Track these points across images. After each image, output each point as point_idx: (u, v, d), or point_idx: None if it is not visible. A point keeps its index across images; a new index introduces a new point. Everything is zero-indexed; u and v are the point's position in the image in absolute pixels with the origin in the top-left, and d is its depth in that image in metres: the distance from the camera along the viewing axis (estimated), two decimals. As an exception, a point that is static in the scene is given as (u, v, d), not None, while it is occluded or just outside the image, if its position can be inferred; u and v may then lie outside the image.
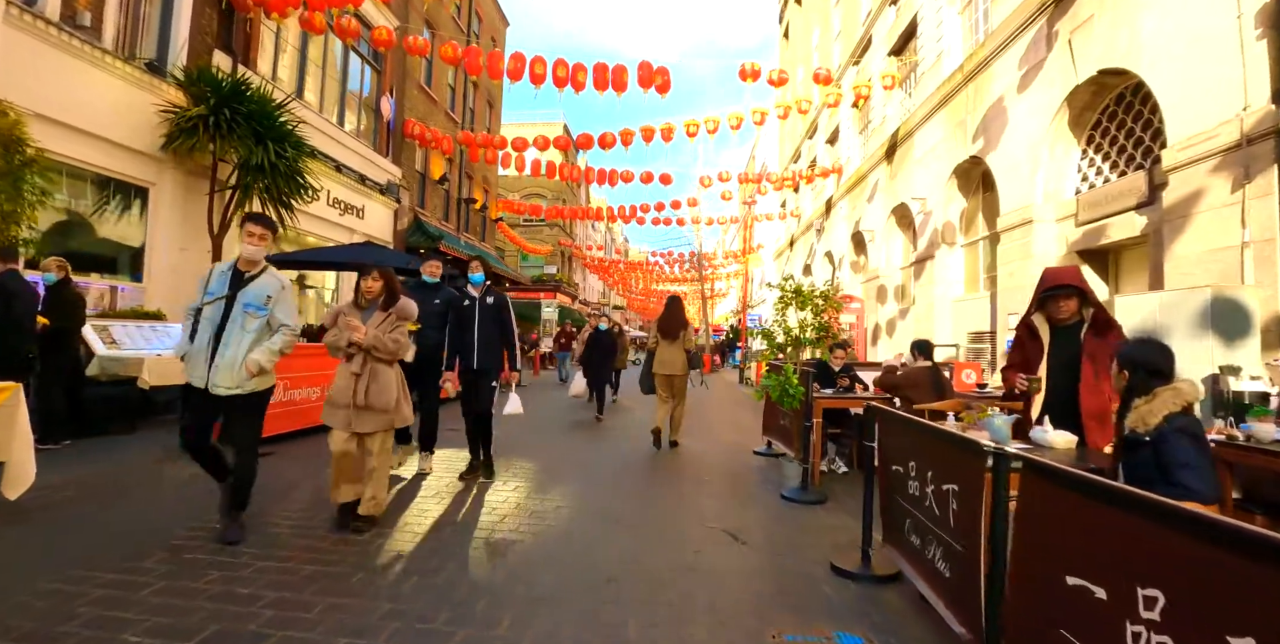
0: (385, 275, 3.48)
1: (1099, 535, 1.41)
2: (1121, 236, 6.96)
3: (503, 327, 4.62)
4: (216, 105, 7.54)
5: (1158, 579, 1.22)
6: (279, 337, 3.15)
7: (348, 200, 11.69)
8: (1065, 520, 1.51)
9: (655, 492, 4.54)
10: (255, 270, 3.19)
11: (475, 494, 4.27)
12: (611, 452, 6.18)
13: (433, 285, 4.93)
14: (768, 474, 5.23)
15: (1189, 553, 1.15)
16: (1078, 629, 1.45)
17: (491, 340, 4.55)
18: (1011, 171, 8.73)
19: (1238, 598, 1.05)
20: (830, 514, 4.03)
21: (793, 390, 4.17)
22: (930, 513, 2.31)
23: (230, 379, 3.02)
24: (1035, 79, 8.22)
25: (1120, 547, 1.33)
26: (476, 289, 4.62)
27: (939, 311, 11.20)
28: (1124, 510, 1.32)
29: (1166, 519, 1.21)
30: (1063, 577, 1.48)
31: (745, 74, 10.66)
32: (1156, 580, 1.22)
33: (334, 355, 3.40)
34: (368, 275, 3.46)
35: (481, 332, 4.51)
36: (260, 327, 3.12)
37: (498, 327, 4.59)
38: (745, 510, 4.09)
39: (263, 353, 3.08)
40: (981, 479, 1.85)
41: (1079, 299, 2.85)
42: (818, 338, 4.35)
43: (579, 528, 3.58)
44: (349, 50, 12.21)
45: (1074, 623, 1.46)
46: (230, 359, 3.02)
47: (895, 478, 2.72)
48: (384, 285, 3.47)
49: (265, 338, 3.14)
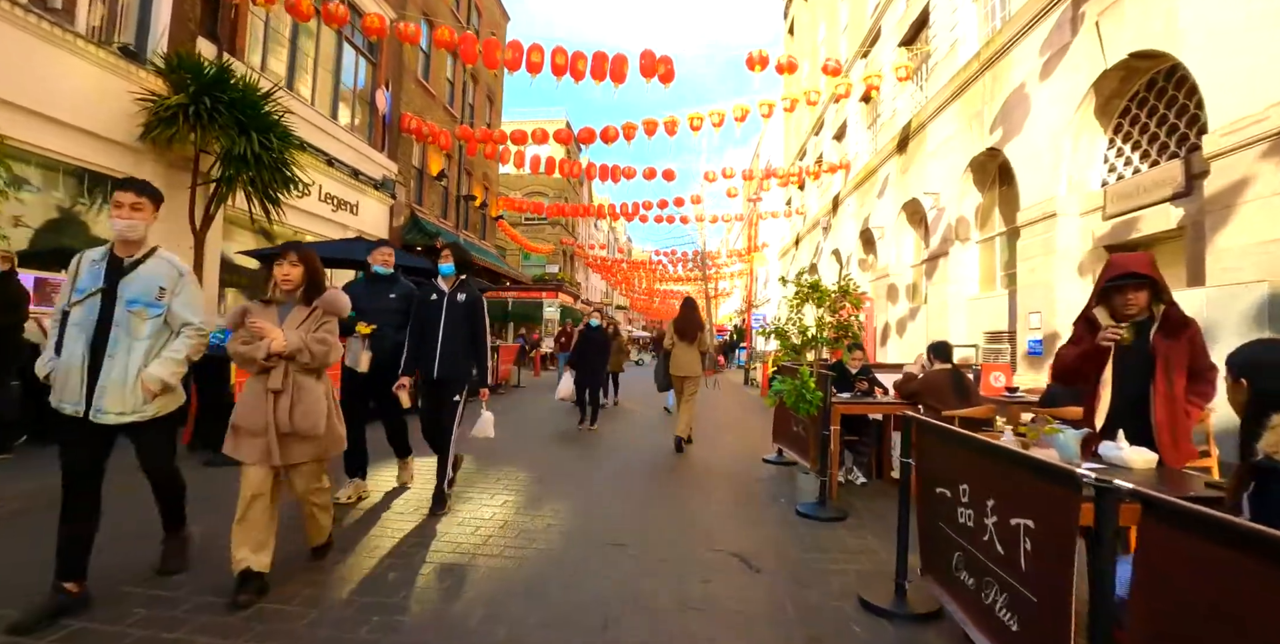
0: (305, 259, 2.68)
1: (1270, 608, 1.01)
2: (1154, 230, 6.53)
3: (473, 331, 3.81)
4: (197, 93, 7.17)
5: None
6: (183, 340, 2.46)
7: (341, 196, 11.32)
8: (1219, 585, 1.11)
9: (657, 507, 4.14)
10: (138, 254, 2.42)
11: (460, 509, 3.88)
12: (611, 460, 5.79)
13: (385, 277, 4.13)
14: (779, 485, 4.83)
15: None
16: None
17: (458, 346, 3.76)
18: (1032, 163, 8.31)
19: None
20: (852, 534, 3.62)
21: (810, 396, 3.77)
22: (989, 550, 1.91)
23: (121, 402, 2.33)
24: (1059, 65, 7.80)
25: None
26: (447, 282, 3.83)
27: (953, 310, 10.77)
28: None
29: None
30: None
31: (753, 62, 10.26)
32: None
33: (245, 369, 2.64)
34: (282, 259, 2.64)
35: (447, 335, 3.74)
36: (156, 329, 2.41)
37: (467, 330, 3.79)
38: (757, 529, 3.69)
39: (163, 365, 2.39)
40: (1073, 517, 1.45)
41: (1150, 291, 2.44)
42: (836, 337, 3.93)
43: (572, 552, 3.18)
44: (342, 41, 11.84)
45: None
46: (119, 377, 2.32)
47: (939, 502, 2.32)
48: (304, 272, 2.65)
49: (165, 344, 2.45)
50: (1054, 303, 7.67)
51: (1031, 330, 8.06)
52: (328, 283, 2.81)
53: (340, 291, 2.79)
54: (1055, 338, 7.60)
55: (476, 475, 4.83)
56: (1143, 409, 2.38)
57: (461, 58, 9.10)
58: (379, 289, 4.07)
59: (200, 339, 2.53)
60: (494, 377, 12.81)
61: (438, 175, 15.87)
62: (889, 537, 3.51)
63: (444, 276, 3.85)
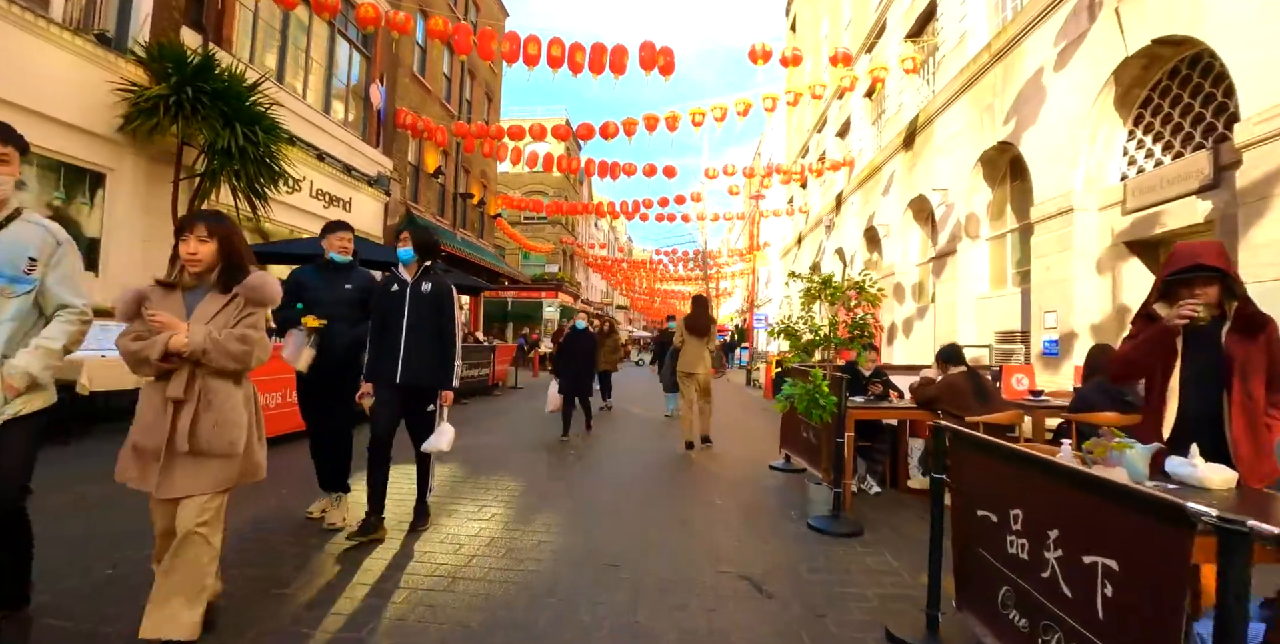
0: (219, 233, 2.07)
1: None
2: (1179, 224, 6.23)
3: (440, 326, 3.31)
4: (178, 83, 6.89)
5: None
6: (60, 326, 1.98)
7: (333, 192, 11.03)
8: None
9: (658, 521, 3.84)
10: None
11: (444, 523, 3.58)
12: (609, 468, 5.49)
13: (341, 265, 3.55)
14: (788, 495, 4.53)
15: None
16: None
17: (425, 344, 3.26)
18: (1047, 157, 8.00)
19: None
20: (870, 551, 3.32)
21: (823, 400, 3.47)
22: (1050, 589, 1.61)
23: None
24: (1075, 54, 7.49)
25: None
26: (409, 271, 3.33)
27: (962, 310, 10.47)
28: None
29: None
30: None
31: (756, 55, 9.98)
32: None
33: (138, 372, 2.01)
34: (188, 233, 2.04)
35: (413, 332, 3.23)
36: (22, 311, 1.94)
37: (435, 325, 3.30)
38: (767, 545, 3.39)
39: (34, 356, 1.91)
40: (1182, 562, 1.15)
41: (1221, 285, 2.14)
42: (851, 337, 3.63)
43: (564, 575, 2.88)
44: (335, 34, 11.55)
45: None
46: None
47: (980, 526, 2.02)
48: (217, 250, 2.06)
49: (34, 330, 1.98)
50: (1071, 301, 7.36)
51: (1047, 330, 7.76)
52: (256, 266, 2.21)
53: (268, 276, 2.16)
54: (1072, 338, 7.30)
55: (465, 484, 4.53)
56: (1214, 420, 2.08)
57: (455, 49, 8.80)
58: (333, 278, 3.52)
59: (82, 325, 2.04)
60: (491, 377, 12.57)
61: (434, 172, 15.58)
62: (910, 555, 3.22)
63: (404, 264, 3.33)
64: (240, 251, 2.13)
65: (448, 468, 5.01)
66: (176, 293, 2.07)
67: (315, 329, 3.28)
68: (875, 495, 4.53)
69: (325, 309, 3.33)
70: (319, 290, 3.43)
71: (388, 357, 3.24)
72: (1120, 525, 1.36)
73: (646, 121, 11.73)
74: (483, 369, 11.35)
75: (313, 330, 3.28)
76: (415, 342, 3.25)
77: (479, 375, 11.11)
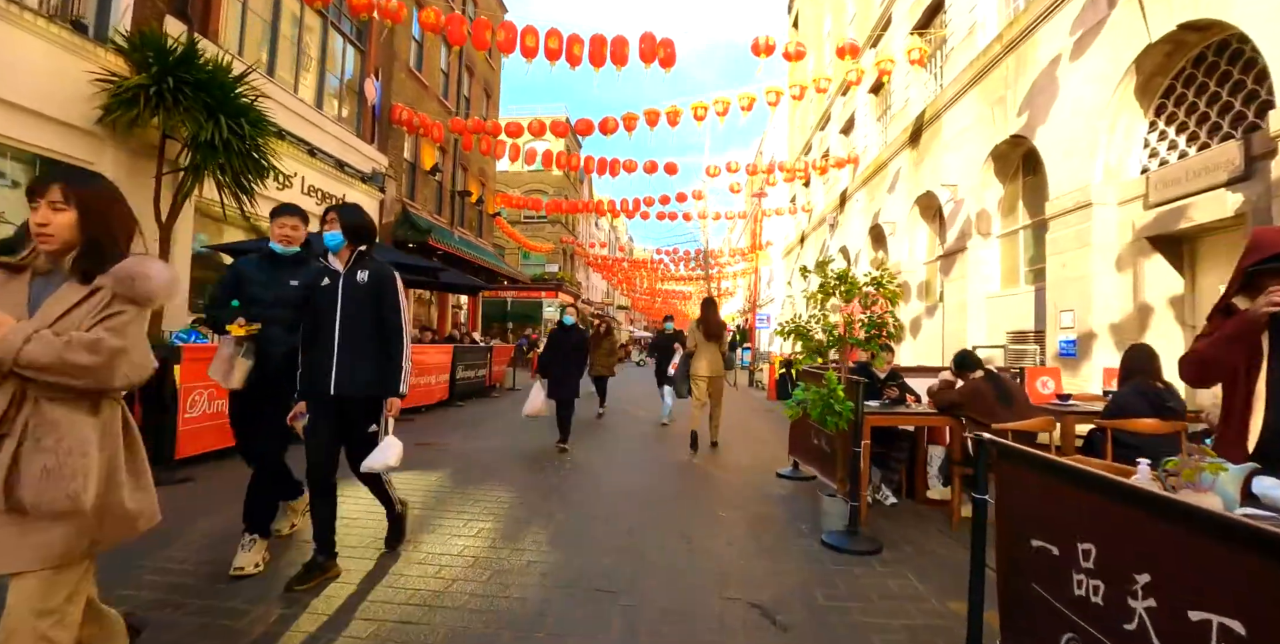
0: (84, 197, 1.49)
1: None
2: (1207, 218, 5.92)
3: (383, 320, 2.76)
4: (159, 73, 6.61)
5: None
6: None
7: (325, 188, 10.75)
8: None
9: (659, 536, 3.54)
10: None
11: (425, 540, 3.29)
12: (607, 476, 5.20)
13: (285, 259, 2.99)
14: (798, 506, 4.23)
15: None
16: None
17: (365, 343, 2.72)
18: (1063, 150, 7.70)
19: None
20: (891, 572, 3.03)
21: (839, 406, 3.18)
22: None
23: None
24: (1094, 43, 7.19)
25: None
26: (340, 258, 2.77)
27: (972, 309, 10.16)
28: None
29: None
30: None
31: (759, 49, 9.68)
32: None
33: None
34: (38, 198, 1.46)
35: (347, 331, 2.69)
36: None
37: (375, 319, 2.75)
38: (778, 565, 3.10)
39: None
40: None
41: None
42: (868, 337, 3.34)
43: (554, 603, 2.59)
44: (328, 26, 11.28)
45: None
46: None
47: (1037, 559, 1.72)
48: (79, 221, 1.48)
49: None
50: (1089, 300, 7.06)
51: (1063, 330, 7.45)
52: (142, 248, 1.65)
53: (153, 263, 1.54)
54: (1091, 338, 7.00)
55: (453, 495, 4.24)
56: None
57: (449, 39, 8.51)
58: (276, 273, 2.96)
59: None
60: (488, 379, 12.18)
61: (431, 170, 15.30)
62: (937, 577, 2.93)
63: (333, 251, 2.76)
64: (111, 227, 1.53)
65: (434, 477, 4.73)
66: (22, 277, 1.49)
67: (246, 338, 2.77)
68: (891, 506, 4.23)
69: (262, 310, 2.84)
70: (257, 288, 2.92)
71: (320, 364, 2.70)
72: (1246, 577, 1.06)
73: (647, 117, 11.44)
74: (479, 370, 11.06)
75: (243, 339, 2.78)
76: (351, 341, 2.70)
77: (475, 377, 10.82)
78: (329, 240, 2.73)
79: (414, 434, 6.80)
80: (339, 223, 2.72)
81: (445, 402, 9.27)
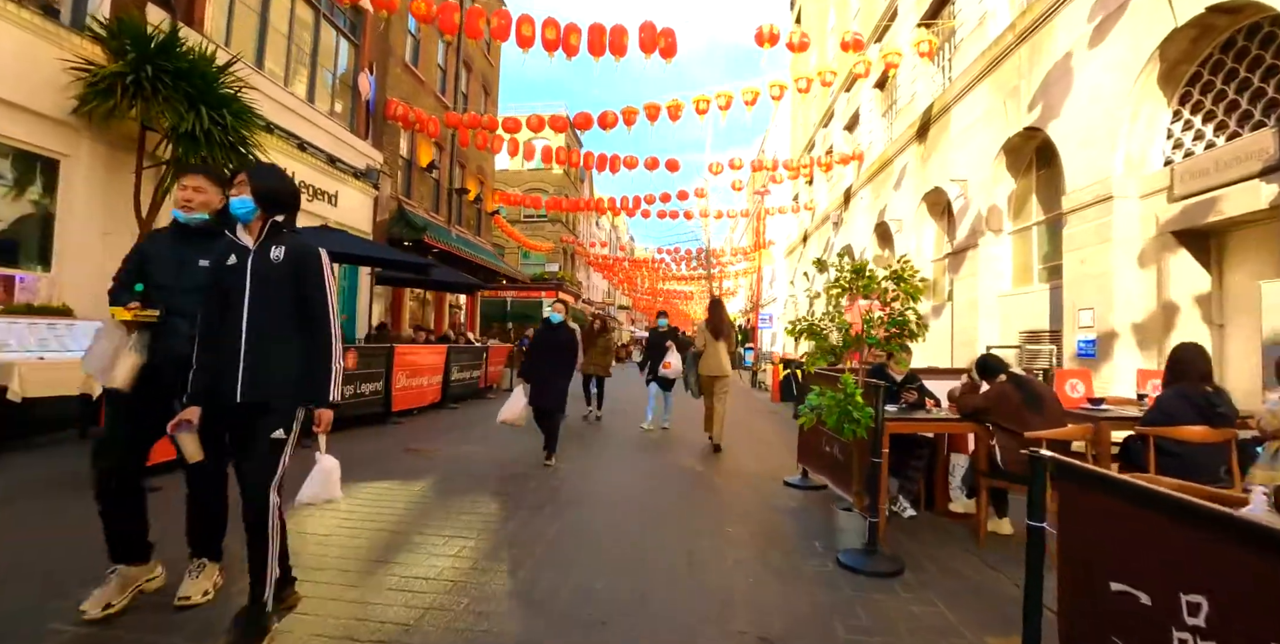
0: None
1: None
2: (1239, 211, 5.60)
3: (304, 309, 2.22)
4: (137, 61, 6.33)
5: None
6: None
7: (317, 184, 10.46)
8: None
9: (659, 556, 3.23)
10: None
11: (400, 561, 2.99)
12: (604, 485, 4.89)
13: (193, 231, 2.44)
14: (809, 519, 3.92)
15: None
16: None
17: (277, 339, 2.19)
18: (1082, 141, 7.38)
19: None
20: (916, 598, 2.72)
21: (858, 413, 2.87)
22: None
23: None
24: (1114, 28, 6.87)
25: None
26: (250, 232, 2.25)
27: (983, 308, 9.85)
28: None
29: None
30: None
31: (762, 38, 9.39)
32: None
33: None
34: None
35: (257, 320, 2.17)
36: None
37: (292, 308, 2.22)
38: (790, 590, 2.79)
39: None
40: None
41: None
42: (887, 336, 3.03)
43: (539, 634, 2.28)
44: (320, 18, 10.99)
45: None
46: None
47: (1116, 606, 1.41)
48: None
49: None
50: (1111, 297, 6.74)
51: (1082, 329, 7.14)
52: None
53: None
54: (1112, 337, 6.68)
55: (436, 508, 3.94)
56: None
57: (441, 28, 8.22)
58: (188, 252, 2.41)
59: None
60: (483, 379, 11.68)
61: (428, 166, 15.02)
62: (969, 606, 2.62)
63: (242, 221, 2.23)
64: None
65: (417, 487, 4.43)
66: None
67: (134, 323, 2.28)
68: (909, 519, 3.92)
69: (168, 297, 2.35)
70: (163, 269, 2.39)
71: (222, 363, 2.15)
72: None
73: (648, 111, 11.15)
74: (474, 371, 10.77)
75: (137, 326, 2.29)
76: (261, 334, 2.16)
77: (470, 378, 10.52)
78: (236, 208, 2.20)
79: (402, 439, 6.50)
80: (248, 186, 2.19)
81: (438, 404, 8.97)
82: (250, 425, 2.16)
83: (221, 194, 2.45)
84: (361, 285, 12.16)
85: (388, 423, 7.44)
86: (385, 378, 7.60)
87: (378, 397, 7.45)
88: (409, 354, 8.28)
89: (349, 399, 6.86)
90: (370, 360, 7.38)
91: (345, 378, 6.76)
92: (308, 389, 2.22)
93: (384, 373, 7.58)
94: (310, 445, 2.27)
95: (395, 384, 7.73)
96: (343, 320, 11.57)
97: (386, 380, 7.60)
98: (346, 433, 6.64)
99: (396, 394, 7.76)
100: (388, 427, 7.29)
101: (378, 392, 7.46)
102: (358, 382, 7.07)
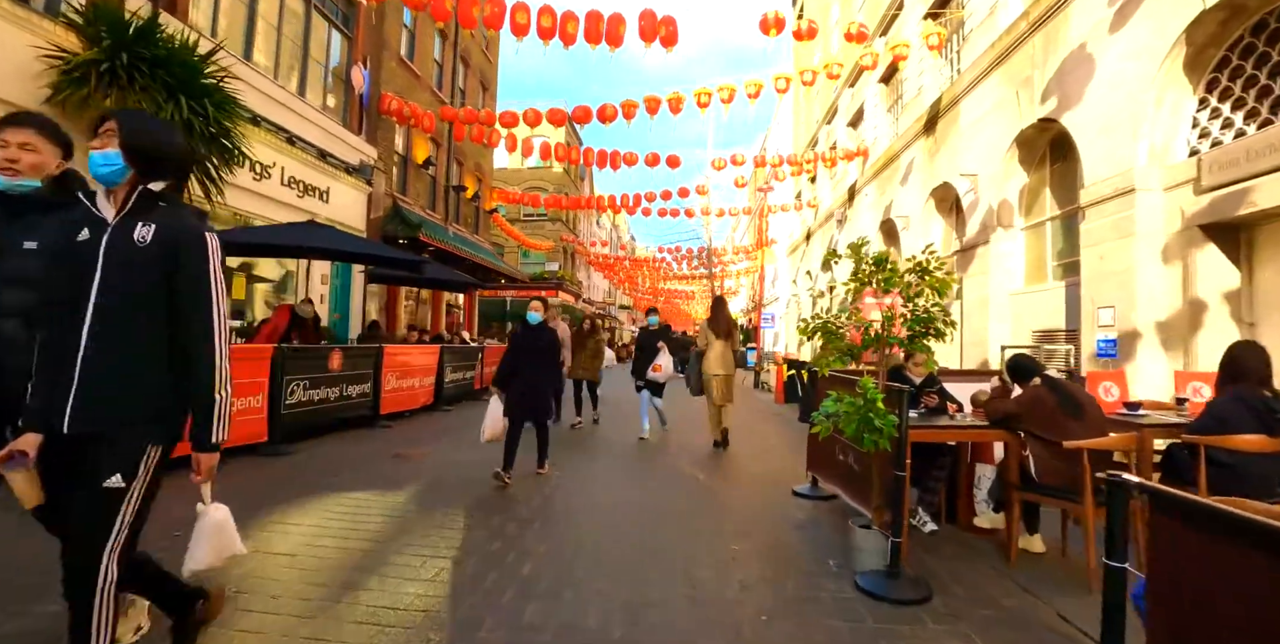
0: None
1: None
2: (1273, 203, 5.28)
3: (177, 309, 1.66)
4: (113, 48, 6.06)
5: None
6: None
7: (308, 180, 10.17)
8: None
9: (657, 580, 2.92)
10: None
11: (370, 586, 2.68)
12: (601, 497, 4.58)
13: (26, 202, 1.87)
14: (823, 536, 3.62)
15: None
16: None
17: (126, 345, 1.61)
18: (1100, 131, 7.06)
19: None
20: (948, 630, 2.41)
21: (880, 422, 2.57)
22: None
23: None
24: (1136, 13, 6.55)
25: None
26: (114, 198, 1.66)
27: (994, 306, 9.53)
28: None
29: None
30: None
31: (767, 26, 9.08)
32: None
33: None
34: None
35: (101, 318, 1.59)
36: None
37: (157, 306, 1.64)
38: (804, 619, 2.48)
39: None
40: None
41: None
42: (911, 335, 2.73)
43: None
44: (311, 9, 10.69)
45: None
46: None
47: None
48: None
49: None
50: (1133, 294, 6.42)
51: (1102, 328, 6.81)
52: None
53: None
54: (1134, 337, 6.36)
55: (418, 522, 3.63)
56: None
57: (433, 15, 7.92)
58: (8, 230, 1.83)
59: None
60: (478, 380, 11.24)
61: (424, 163, 14.72)
62: (1005, 638, 2.31)
63: (105, 184, 1.64)
64: None
65: (400, 497, 4.13)
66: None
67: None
68: (930, 534, 3.61)
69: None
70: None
71: (54, 375, 1.59)
72: None
73: (648, 104, 10.85)
74: (469, 372, 10.47)
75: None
76: (106, 340, 1.59)
77: (464, 379, 10.23)
78: (96, 164, 1.60)
79: (391, 443, 6.20)
80: (116, 136, 1.61)
81: (430, 406, 8.67)
82: (79, 466, 1.58)
83: (59, 156, 1.93)
84: (355, 284, 11.86)
85: (376, 426, 7.14)
86: (374, 379, 7.29)
87: (365, 399, 7.15)
88: (399, 354, 7.98)
89: (334, 402, 6.56)
90: (358, 361, 7.08)
91: (330, 380, 6.48)
92: (171, 423, 1.68)
93: (372, 374, 7.28)
94: (122, 482, 1.58)
95: (384, 386, 7.43)
96: (335, 319, 11.32)
97: (375, 382, 7.30)
98: (331, 437, 6.35)
99: (386, 396, 7.45)
100: (376, 430, 6.99)
101: (365, 394, 7.15)
102: (344, 384, 6.77)
